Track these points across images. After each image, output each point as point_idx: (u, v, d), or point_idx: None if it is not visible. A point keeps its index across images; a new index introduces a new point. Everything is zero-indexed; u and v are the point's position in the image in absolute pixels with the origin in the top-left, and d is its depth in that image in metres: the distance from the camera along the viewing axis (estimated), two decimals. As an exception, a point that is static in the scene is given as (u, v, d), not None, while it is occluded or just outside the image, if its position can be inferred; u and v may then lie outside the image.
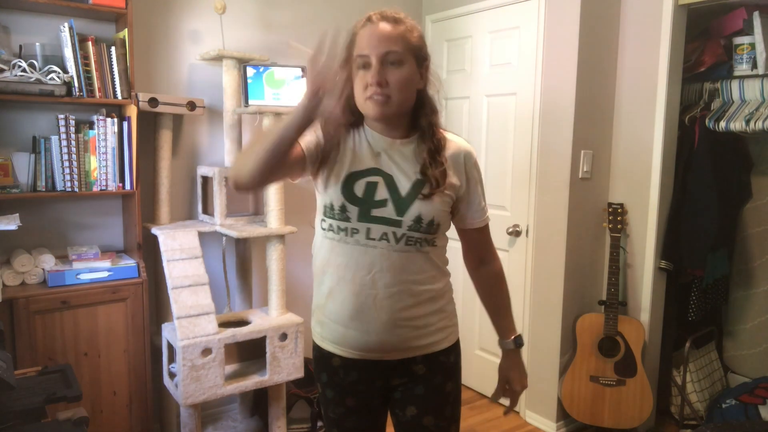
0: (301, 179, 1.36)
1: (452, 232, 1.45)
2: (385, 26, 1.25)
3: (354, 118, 1.35)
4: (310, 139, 1.30)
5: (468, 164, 1.37)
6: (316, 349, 1.45)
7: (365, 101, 1.27)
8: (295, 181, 1.39)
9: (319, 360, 1.45)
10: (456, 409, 1.46)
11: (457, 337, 1.45)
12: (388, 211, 1.29)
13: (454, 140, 1.39)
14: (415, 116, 1.36)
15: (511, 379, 1.53)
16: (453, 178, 1.34)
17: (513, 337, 1.49)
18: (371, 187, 1.30)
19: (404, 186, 1.31)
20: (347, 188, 1.30)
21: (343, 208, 1.30)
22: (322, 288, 1.39)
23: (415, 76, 1.30)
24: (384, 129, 1.34)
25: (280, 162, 1.19)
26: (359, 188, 1.30)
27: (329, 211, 1.32)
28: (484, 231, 1.48)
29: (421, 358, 1.36)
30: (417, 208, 1.29)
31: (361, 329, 1.32)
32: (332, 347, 1.39)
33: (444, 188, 1.31)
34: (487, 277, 1.51)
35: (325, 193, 1.33)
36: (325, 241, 1.35)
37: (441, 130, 1.38)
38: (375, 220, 1.29)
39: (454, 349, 1.44)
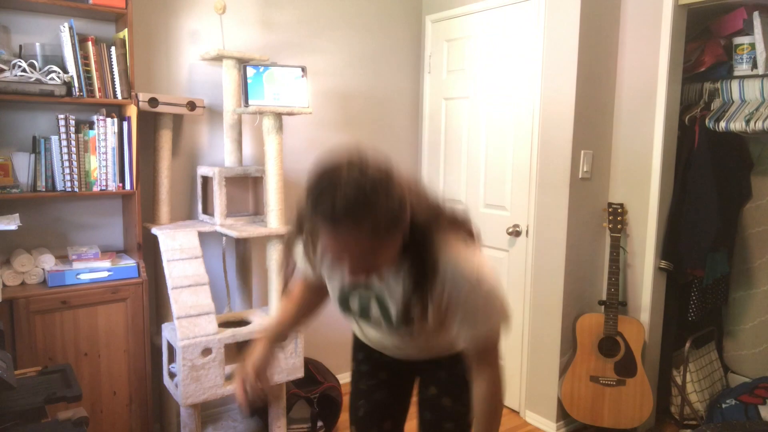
0: None
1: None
2: (347, 234, 1.04)
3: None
4: (304, 269, 1.42)
5: (452, 295, 1.20)
6: (356, 337, 1.59)
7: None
8: None
9: (358, 343, 1.59)
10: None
11: None
12: (384, 327, 1.37)
13: (446, 261, 1.19)
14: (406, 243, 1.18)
15: None
16: (432, 302, 1.23)
17: None
18: (365, 303, 1.35)
19: (393, 310, 1.30)
20: (343, 304, 1.39)
21: (345, 314, 1.41)
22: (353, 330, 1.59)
23: (397, 241, 1.13)
24: None
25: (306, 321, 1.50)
26: (354, 303, 1.37)
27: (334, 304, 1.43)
28: (477, 351, 1.28)
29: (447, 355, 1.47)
30: (408, 329, 1.33)
31: (393, 350, 1.47)
32: (368, 342, 1.53)
33: (427, 322, 1.28)
34: (475, 391, 1.33)
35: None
36: None
37: (438, 244, 1.20)
38: (375, 323, 1.38)
39: None
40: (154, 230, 2.41)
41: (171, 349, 2.34)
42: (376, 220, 1.03)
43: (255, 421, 2.71)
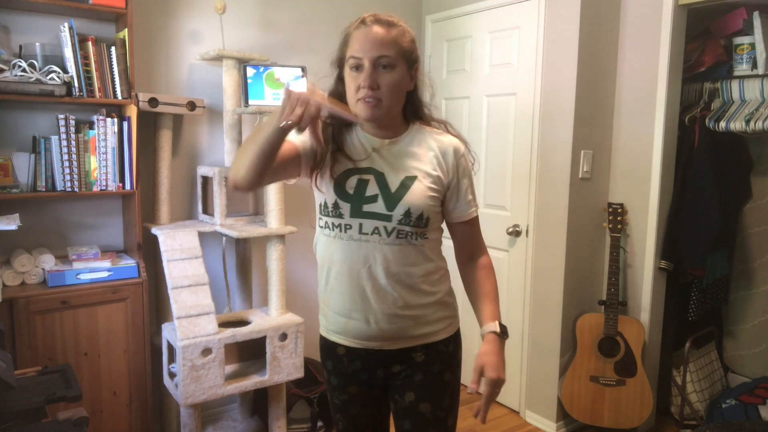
0: (298, 179, 1.42)
1: (445, 231, 1.47)
2: (378, 30, 1.29)
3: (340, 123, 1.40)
4: (305, 139, 1.35)
5: (456, 158, 1.39)
6: (322, 339, 1.50)
7: (357, 102, 1.31)
8: (291, 182, 1.45)
9: (325, 348, 1.50)
10: (455, 400, 1.46)
11: (457, 328, 1.48)
12: (379, 206, 1.33)
13: (444, 135, 1.42)
14: (406, 116, 1.41)
15: (487, 364, 1.30)
16: (440, 173, 1.37)
17: (497, 322, 1.38)
18: (362, 184, 1.35)
19: (394, 182, 1.34)
20: (339, 186, 1.36)
21: (336, 205, 1.35)
22: (323, 282, 1.44)
23: (406, 79, 1.34)
24: (375, 129, 1.38)
25: (270, 162, 1.24)
26: (351, 185, 1.35)
27: (324, 208, 1.38)
28: (472, 224, 1.46)
29: (420, 347, 1.40)
30: (406, 202, 1.33)
31: (361, 319, 1.37)
32: (336, 337, 1.44)
33: (432, 183, 1.35)
34: (476, 269, 1.47)
35: (319, 192, 1.39)
36: (322, 238, 1.42)
37: (432, 125, 1.43)
38: (366, 215, 1.34)
39: (454, 340, 1.46)
40: (154, 230, 2.41)
41: (171, 349, 2.34)
42: (400, 34, 1.31)
43: (255, 421, 2.71)
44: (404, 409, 1.42)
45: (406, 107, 1.39)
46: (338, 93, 1.37)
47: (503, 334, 1.36)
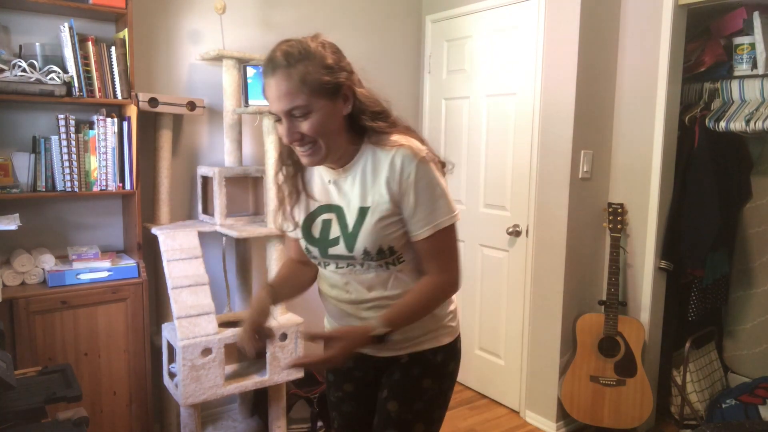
0: None
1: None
2: (278, 81, 1.16)
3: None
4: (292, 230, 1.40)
5: (400, 170, 1.23)
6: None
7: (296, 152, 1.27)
8: None
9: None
10: (432, 409, 1.39)
11: (450, 340, 1.41)
12: (341, 249, 1.31)
13: (394, 147, 1.25)
14: (357, 133, 1.28)
15: (338, 338, 1.22)
16: (391, 193, 1.25)
17: (386, 324, 1.24)
18: (326, 225, 1.33)
19: (351, 218, 1.29)
20: (306, 231, 1.36)
21: (308, 249, 1.38)
22: (320, 289, 1.48)
23: (333, 111, 1.21)
24: (330, 162, 1.31)
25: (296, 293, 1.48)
26: (317, 229, 1.35)
27: (303, 249, 1.41)
28: (432, 242, 1.27)
29: (406, 354, 1.39)
30: (362, 241, 1.27)
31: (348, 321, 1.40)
32: (334, 312, 1.47)
33: (385, 210, 1.25)
34: (418, 281, 1.32)
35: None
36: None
37: (388, 136, 1.27)
38: (333, 257, 1.33)
39: (444, 350, 1.40)
40: (154, 230, 2.41)
41: (171, 349, 2.34)
42: (306, 70, 1.15)
43: (255, 421, 2.71)
44: (377, 405, 1.42)
45: (352, 127, 1.27)
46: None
47: (378, 338, 1.23)
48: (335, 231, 1.31)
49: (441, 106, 3.28)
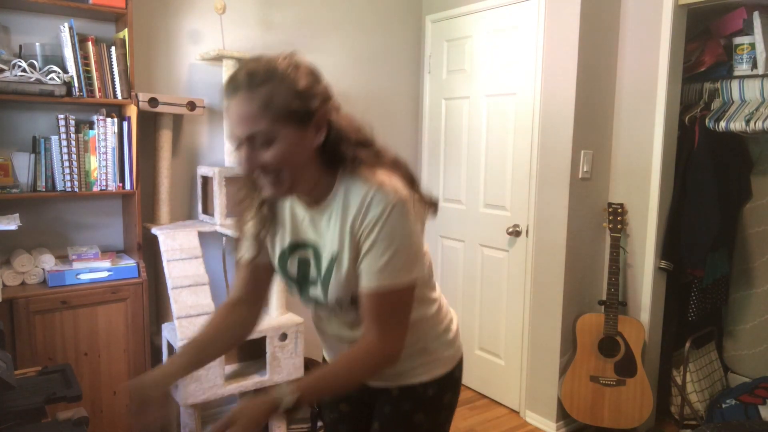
0: None
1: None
2: (240, 104, 1.02)
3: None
4: (249, 247, 1.26)
5: (370, 209, 1.08)
6: (323, 359, 1.49)
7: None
8: None
9: (323, 363, 1.47)
10: None
11: (445, 371, 1.31)
12: (318, 292, 1.20)
13: (368, 181, 1.10)
14: (333, 164, 1.13)
15: (233, 422, 1.01)
16: (348, 232, 1.12)
17: (297, 395, 1.04)
18: (304, 265, 1.21)
19: (324, 263, 1.16)
20: (282, 268, 1.25)
21: (288, 285, 1.27)
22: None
23: (301, 141, 1.05)
24: (302, 196, 1.17)
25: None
26: (293, 267, 1.23)
27: (285, 285, 1.30)
28: (374, 300, 1.10)
29: (396, 386, 1.30)
30: (333, 290, 1.15)
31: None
32: (327, 356, 1.43)
33: (355, 255, 1.12)
34: (355, 347, 1.17)
35: None
36: None
37: (371, 171, 1.12)
38: (311, 299, 1.23)
39: (437, 384, 1.30)
40: (154, 230, 2.41)
41: (171, 349, 2.34)
42: (271, 93, 1.01)
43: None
44: None
45: (328, 157, 1.11)
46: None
47: (288, 408, 1.04)
48: (313, 271, 1.20)
49: (441, 106, 3.28)
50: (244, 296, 1.30)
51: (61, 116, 2.21)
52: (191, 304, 2.24)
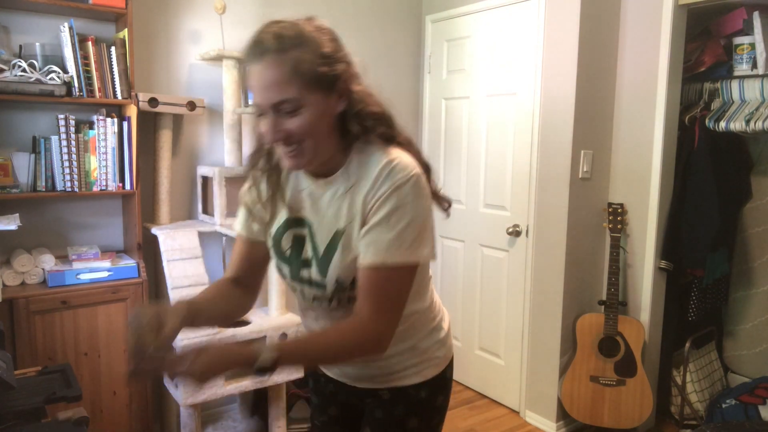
0: None
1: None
2: (268, 69, 0.98)
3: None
4: (247, 225, 1.23)
5: (385, 181, 1.04)
6: None
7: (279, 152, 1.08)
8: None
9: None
10: None
11: (436, 372, 1.26)
12: (314, 272, 1.14)
13: (382, 152, 1.07)
14: (346, 136, 1.09)
15: (205, 352, 0.97)
16: (360, 208, 1.07)
17: (274, 356, 0.97)
18: (298, 242, 1.16)
19: (324, 240, 1.11)
20: (276, 243, 1.19)
21: (279, 267, 1.21)
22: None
23: (325, 109, 1.03)
24: (312, 167, 1.13)
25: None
26: (287, 243, 1.17)
27: (275, 265, 1.24)
28: (374, 274, 1.05)
29: (386, 388, 1.25)
30: (334, 269, 1.09)
31: None
32: None
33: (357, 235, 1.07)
34: (343, 324, 1.11)
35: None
36: None
37: (387, 147, 1.09)
38: (303, 281, 1.17)
39: (429, 384, 1.25)
40: (154, 230, 2.41)
41: (171, 349, 2.33)
42: (300, 57, 0.98)
43: (255, 421, 2.71)
44: None
45: (342, 131, 1.08)
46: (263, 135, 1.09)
47: (264, 366, 0.97)
48: (308, 250, 1.14)
49: (441, 106, 3.28)
50: (238, 276, 1.26)
51: (61, 116, 2.21)
52: (191, 304, 2.24)
